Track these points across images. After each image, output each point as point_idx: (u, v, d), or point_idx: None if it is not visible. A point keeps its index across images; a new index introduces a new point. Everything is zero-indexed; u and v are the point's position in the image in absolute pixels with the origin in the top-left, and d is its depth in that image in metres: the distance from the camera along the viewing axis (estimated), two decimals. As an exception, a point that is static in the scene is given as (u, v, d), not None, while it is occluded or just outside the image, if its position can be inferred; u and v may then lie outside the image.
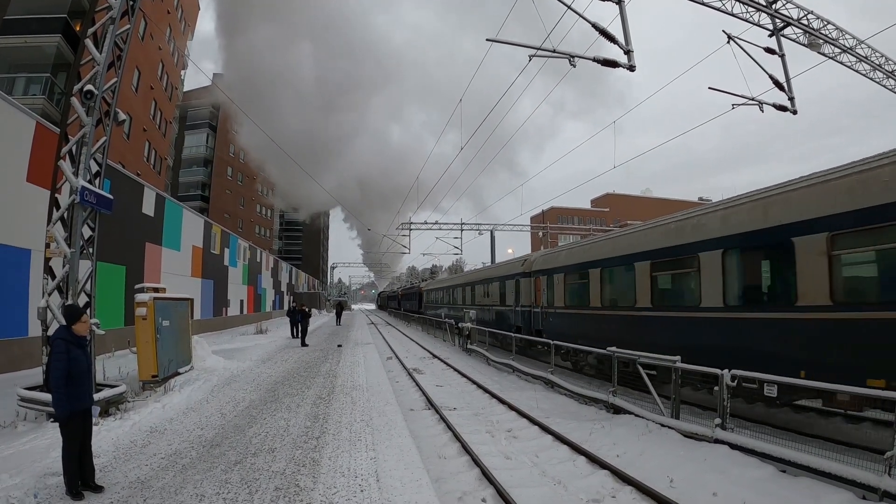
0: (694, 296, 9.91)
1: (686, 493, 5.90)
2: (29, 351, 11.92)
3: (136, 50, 27.67)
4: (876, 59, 17.26)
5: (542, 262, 17.21)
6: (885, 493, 5.13)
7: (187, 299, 13.29)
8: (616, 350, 10.14)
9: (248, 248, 39.23)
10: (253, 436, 7.61)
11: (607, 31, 10.94)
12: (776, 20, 14.89)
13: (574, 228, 67.50)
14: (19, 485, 5.37)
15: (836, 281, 7.27)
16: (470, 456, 7.43)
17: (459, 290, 32.79)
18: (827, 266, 7.30)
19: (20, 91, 24.01)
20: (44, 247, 8.89)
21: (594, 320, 13.57)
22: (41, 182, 12.30)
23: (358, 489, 5.46)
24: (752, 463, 6.43)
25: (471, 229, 45.08)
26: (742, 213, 9.01)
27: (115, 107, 9.51)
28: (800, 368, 7.26)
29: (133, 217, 18.80)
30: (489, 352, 18.32)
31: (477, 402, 11.74)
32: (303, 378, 13.03)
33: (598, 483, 6.48)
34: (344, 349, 20.55)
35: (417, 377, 14.77)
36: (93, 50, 9.14)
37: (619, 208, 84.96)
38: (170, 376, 11.29)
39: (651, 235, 11.58)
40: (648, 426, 8.40)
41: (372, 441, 7.33)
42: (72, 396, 5.20)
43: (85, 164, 8.94)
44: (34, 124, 12.99)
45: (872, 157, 7.14)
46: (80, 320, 5.56)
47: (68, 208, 8.87)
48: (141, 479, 5.71)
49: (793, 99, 14.25)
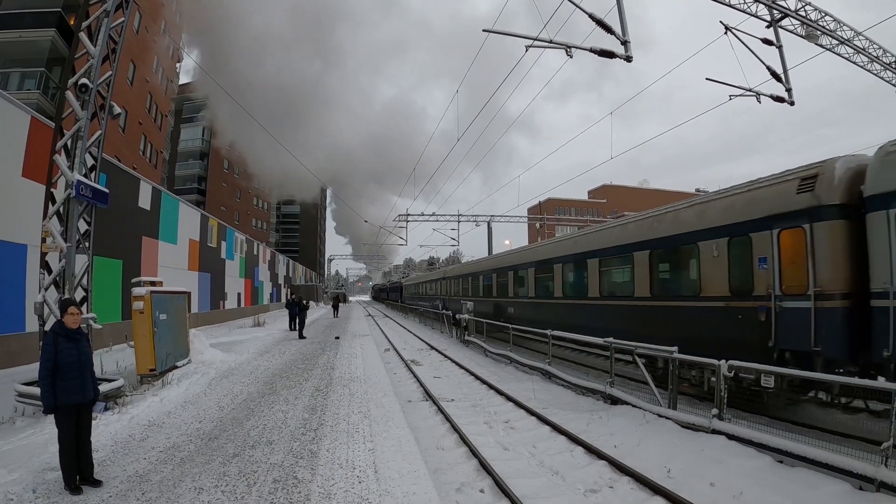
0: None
1: (683, 483, 5.93)
2: (27, 346, 11.91)
3: (130, 43, 27.49)
4: (873, 50, 17.23)
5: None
6: (881, 483, 5.16)
7: (184, 293, 13.25)
8: (613, 341, 10.18)
9: (245, 241, 39.14)
10: (251, 428, 7.63)
11: (604, 22, 10.88)
12: (773, 11, 14.84)
13: (571, 219, 67.44)
14: (17, 480, 5.37)
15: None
16: (468, 447, 7.47)
17: (424, 286, 44.31)
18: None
19: (15, 86, 23.86)
20: (40, 241, 8.86)
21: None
22: (37, 177, 12.23)
23: (356, 480, 5.48)
24: (748, 453, 6.46)
25: (468, 221, 45.04)
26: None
27: (110, 100, 9.47)
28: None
29: (129, 211, 18.74)
30: (487, 343, 18.35)
31: (475, 393, 11.77)
32: (300, 370, 13.05)
33: (596, 473, 6.51)
34: (341, 341, 20.58)
35: (415, 368, 14.80)
36: (87, 43, 9.09)
37: (616, 199, 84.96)
38: (167, 370, 11.29)
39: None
40: (646, 416, 8.44)
41: (370, 432, 7.35)
42: (59, 389, 5.17)
43: (80, 158, 8.91)
44: (29, 119, 12.92)
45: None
46: (67, 312, 5.52)
47: (64, 203, 8.85)
48: (139, 472, 5.72)
49: (790, 90, 14.23)
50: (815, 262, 7.59)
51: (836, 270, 7.44)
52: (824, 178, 7.63)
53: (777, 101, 14.32)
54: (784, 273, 8.10)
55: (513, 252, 23.11)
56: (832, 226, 7.49)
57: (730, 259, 9.17)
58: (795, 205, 7.93)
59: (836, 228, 7.47)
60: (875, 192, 7.01)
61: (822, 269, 7.52)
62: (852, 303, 7.27)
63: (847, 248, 7.40)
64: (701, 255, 9.76)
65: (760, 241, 8.49)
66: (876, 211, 6.98)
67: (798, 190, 7.94)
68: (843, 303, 7.32)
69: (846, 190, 7.45)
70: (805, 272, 7.73)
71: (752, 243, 8.67)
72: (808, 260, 7.69)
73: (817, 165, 7.90)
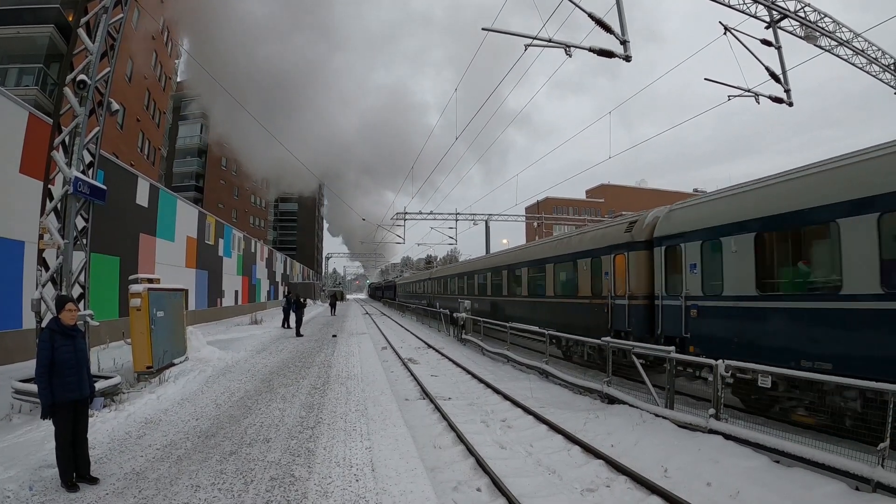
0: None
1: (680, 482, 5.95)
2: (24, 343, 11.90)
3: (129, 39, 27.42)
4: (872, 52, 17.25)
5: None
6: (878, 483, 5.18)
7: (182, 290, 13.25)
8: (610, 340, 10.22)
9: (243, 239, 39.10)
10: (248, 426, 7.62)
11: (604, 21, 10.88)
12: (773, 12, 14.85)
13: (569, 219, 67.43)
14: (14, 477, 5.36)
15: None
16: (465, 445, 7.47)
17: (414, 284, 50.51)
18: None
19: (13, 82, 23.84)
20: (37, 238, 8.83)
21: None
22: (34, 173, 12.19)
23: (353, 479, 5.48)
24: (745, 453, 6.48)
25: (465, 219, 44.92)
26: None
27: (108, 97, 9.44)
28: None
29: (127, 208, 18.69)
30: (484, 342, 18.36)
31: (472, 391, 11.78)
32: (298, 368, 13.05)
33: (593, 472, 6.52)
34: (339, 339, 20.58)
35: (412, 367, 14.79)
36: (85, 40, 9.05)
37: (614, 199, 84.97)
38: (165, 367, 11.28)
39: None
40: (643, 416, 8.46)
41: (367, 431, 7.36)
42: (56, 387, 5.16)
43: (78, 154, 8.87)
44: (27, 115, 12.87)
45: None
46: (64, 309, 5.50)
47: (62, 199, 8.81)
48: (136, 470, 5.72)
49: (789, 91, 14.25)
50: (629, 276, 11.81)
51: (639, 282, 11.59)
52: (637, 225, 11.89)
53: (776, 102, 14.35)
54: (616, 282, 12.41)
55: (475, 259, 30.85)
56: (639, 254, 11.70)
57: (592, 272, 13.66)
58: (622, 240, 12.29)
59: (641, 256, 11.64)
60: (657, 235, 11.05)
61: (633, 281, 11.74)
62: (647, 302, 11.39)
63: (647, 268, 11.43)
64: (578, 269, 14.51)
65: (606, 261, 12.92)
66: (657, 247, 11.03)
67: (625, 231, 12.29)
68: (643, 302, 11.48)
69: (649, 233, 11.44)
70: (624, 282, 12.03)
71: (602, 262, 13.14)
72: (626, 274, 11.94)
73: (637, 216, 12.32)
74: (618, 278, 12.26)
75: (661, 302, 10.80)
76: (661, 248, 10.83)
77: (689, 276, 9.96)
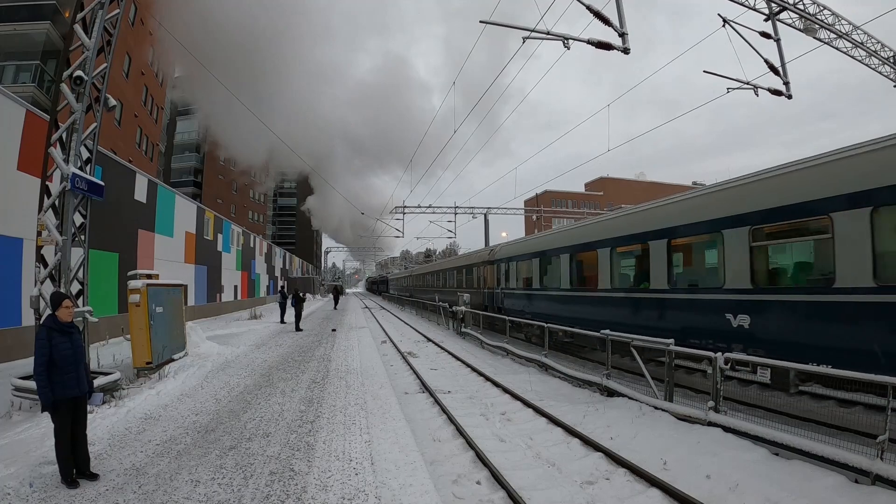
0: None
1: (679, 475, 5.96)
2: (22, 340, 11.88)
3: (126, 35, 27.32)
4: (871, 45, 17.21)
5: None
6: (877, 476, 5.18)
7: (181, 286, 13.24)
8: (610, 333, 10.21)
9: (242, 234, 39.04)
10: (248, 421, 7.64)
11: (602, 14, 10.84)
12: (772, 4, 14.82)
13: (568, 212, 67.39)
14: (14, 474, 5.37)
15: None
16: (464, 439, 7.48)
17: (401, 280, 62.55)
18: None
19: (9, 79, 23.83)
20: (35, 235, 8.81)
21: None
22: (32, 170, 12.15)
23: (353, 472, 5.50)
24: (744, 446, 6.48)
25: (464, 213, 44.83)
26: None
27: (105, 92, 9.40)
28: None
29: (125, 204, 18.65)
30: (484, 335, 18.38)
31: (471, 385, 11.80)
32: (297, 362, 13.08)
33: (592, 465, 6.53)
34: (338, 333, 20.63)
35: (412, 360, 14.81)
36: (82, 35, 9.00)
37: (613, 192, 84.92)
38: (164, 363, 11.29)
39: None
40: (642, 409, 8.46)
41: (366, 424, 7.38)
42: (56, 384, 5.17)
43: (75, 150, 8.85)
44: (24, 112, 12.81)
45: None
46: (61, 306, 5.50)
47: (59, 196, 8.79)
48: (136, 465, 5.73)
49: (788, 83, 14.23)
50: (489, 277, 23.35)
51: (493, 280, 22.77)
52: (493, 251, 23.27)
53: (775, 94, 14.32)
54: (487, 280, 23.67)
55: (443, 261, 43.94)
56: (493, 266, 22.78)
57: (475, 274, 26.09)
58: (487, 259, 23.76)
59: (491, 268, 23.02)
60: (493, 258, 22.78)
61: (490, 280, 23.26)
62: (494, 291, 22.43)
63: (495, 274, 22.45)
64: (473, 272, 26.69)
65: (489, 268, 23.42)
66: (493, 264, 22.70)
67: (487, 255, 24.03)
68: (494, 290, 22.33)
69: (495, 256, 22.50)
70: (494, 279, 22.53)
71: (487, 269, 23.66)
72: (494, 276, 22.58)
73: (496, 246, 24.05)
74: (489, 278, 23.31)
75: (498, 290, 21.63)
76: (496, 264, 22.12)
77: (502, 278, 21.17)
